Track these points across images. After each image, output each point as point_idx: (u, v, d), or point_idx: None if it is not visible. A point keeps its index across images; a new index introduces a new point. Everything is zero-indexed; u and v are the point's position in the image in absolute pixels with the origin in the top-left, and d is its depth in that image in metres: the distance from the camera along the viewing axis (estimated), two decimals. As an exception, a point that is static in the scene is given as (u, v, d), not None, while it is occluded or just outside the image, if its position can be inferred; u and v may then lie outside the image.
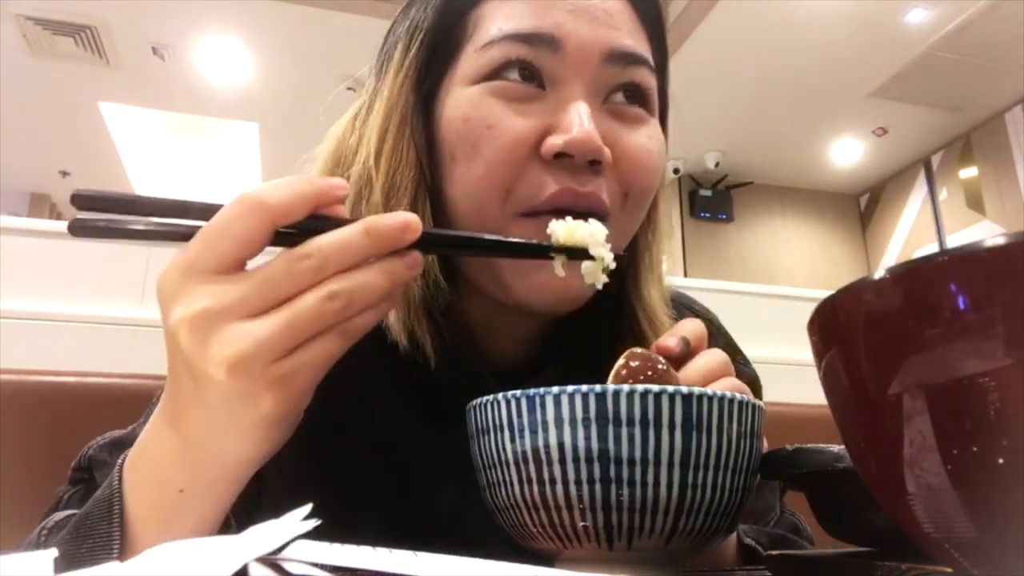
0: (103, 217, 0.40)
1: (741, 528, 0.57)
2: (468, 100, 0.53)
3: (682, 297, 0.75)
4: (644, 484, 0.37)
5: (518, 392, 0.39)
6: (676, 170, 5.75)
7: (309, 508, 0.30)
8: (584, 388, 0.37)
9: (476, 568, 0.27)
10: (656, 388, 0.37)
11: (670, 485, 0.37)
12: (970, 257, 0.23)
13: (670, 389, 0.37)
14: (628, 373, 0.42)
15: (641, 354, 0.43)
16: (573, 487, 0.37)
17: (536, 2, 0.54)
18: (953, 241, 5.56)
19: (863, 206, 6.50)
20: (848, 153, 5.84)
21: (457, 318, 0.59)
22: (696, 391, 0.37)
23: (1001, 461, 0.22)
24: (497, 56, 0.53)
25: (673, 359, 0.46)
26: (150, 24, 4.17)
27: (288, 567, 0.26)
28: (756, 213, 6.22)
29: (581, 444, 0.37)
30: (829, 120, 5.39)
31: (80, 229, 0.40)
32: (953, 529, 0.25)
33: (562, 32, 0.53)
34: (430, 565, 0.27)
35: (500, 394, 0.39)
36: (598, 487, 0.37)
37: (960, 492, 0.24)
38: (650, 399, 0.37)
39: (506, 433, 0.39)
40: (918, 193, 5.93)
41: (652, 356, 0.43)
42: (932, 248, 5.43)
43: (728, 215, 6.10)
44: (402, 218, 0.39)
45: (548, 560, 0.41)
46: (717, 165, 5.88)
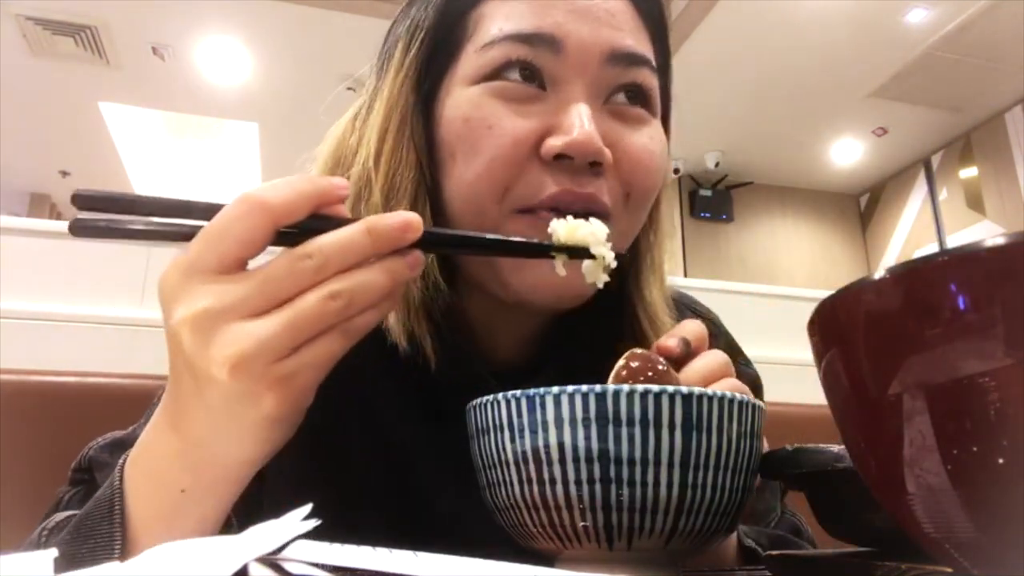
0: (103, 217, 0.40)
1: (741, 529, 0.57)
2: (468, 100, 0.53)
3: (684, 297, 0.75)
4: (644, 484, 0.37)
5: (518, 392, 0.39)
6: (676, 170, 5.75)
7: (309, 508, 0.30)
8: (584, 388, 0.37)
9: (476, 568, 0.27)
10: (656, 388, 0.37)
11: (670, 485, 0.37)
12: (970, 257, 0.23)
13: (670, 389, 0.37)
14: (628, 373, 0.42)
15: (641, 354, 0.43)
16: (573, 487, 0.37)
17: (537, 2, 0.54)
18: (953, 241, 5.56)
19: (863, 206, 6.50)
20: (848, 153, 5.84)
21: (457, 318, 0.58)
22: (696, 391, 0.37)
23: (1001, 461, 0.22)
24: (497, 56, 0.53)
25: (674, 360, 0.46)
26: (150, 24, 4.17)
27: (288, 567, 0.26)
28: (756, 213, 6.22)
29: (581, 444, 0.37)
30: (829, 120, 5.39)
31: (80, 229, 0.40)
32: (953, 529, 0.25)
33: (563, 32, 0.53)
34: (430, 565, 0.27)
35: (500, 394, 0.39)
36: (598, 487, 0.37)
37: (960, 492, 0.24)
38: (650, 399, 0.37)
39: (506, 433, 0.39)
40: (918, 193, 5.93)
41: (652, 356, 0.43)
42: (932, 248, 5.43)
43: (728, 215, 6.10)
44: (403, 217, 0.39)
45: (548, 560, 0.41)
46: (717, 165, 5.88)
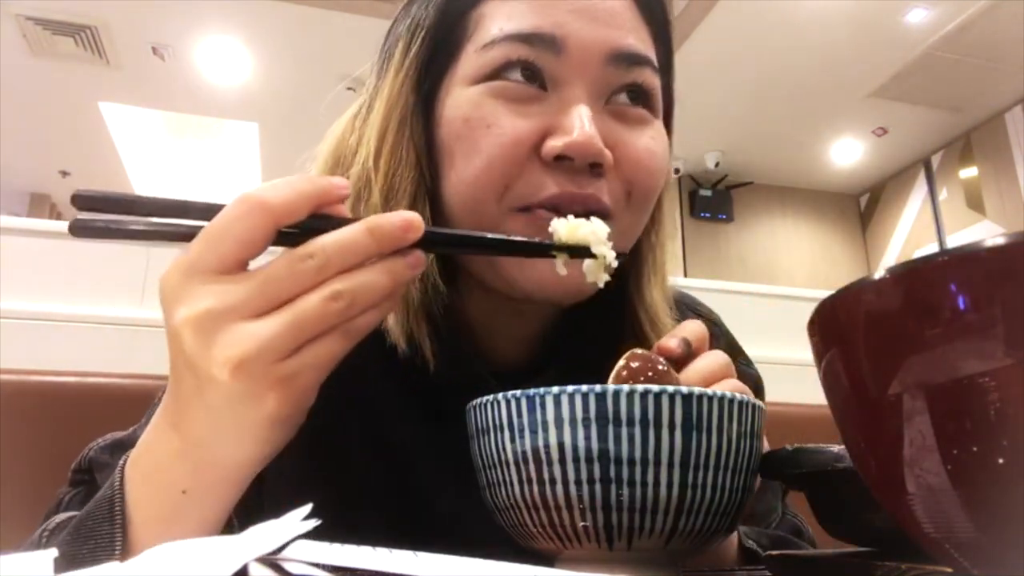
0: (103, 217, 0.40)
1: (741, 530, 0.57)
2: (468, 100, 0.53)
3: (685, 298, 0.74)
4: (644, 484, 0.37)
5: (518, 392, 0.39)
6: (676, 170, 5.75)
7: (309, 508, 0.30)
8: (584, 388, 0.37)
9: (476, 568, 0.27)
10: (656, 388, 0.37)
11: (670, 485, 0.37)
12: (970, 257, 0.23)
13: (670, 389, 0.37)
14: (629, 374, 0.42)
15: (642, 355, 0.43)
16: (573, 487, 0.37)
17: (538, 2, 0.53)
18: (953, 241, 5.56)
19: (863, 206, 6.50)
20: (848, 153, 5.84)
21: (457, 319, 0.58)
22: (696, 391, 0.37)
23: (1001, 461, 0.22)
24: (498, 56, 0.53)
25: (674, 360, 0.46)
26: (150, 24, 4.17)
27: (288, 567, 0.26)
28: (756, 213, 6.22)
29: (581, 444, 0.37)
30: (829, 120, 5.39)
31: (80, 229, 0.40)
32: (953, 529, 0.25)
33: (564, 32, 0.52)
34: (430, 565, 0.27)
35: (500, 394, 0.39)
36: (598, 487, 0.37)
37: (960, 492, 0.24)
38: (650, 399, 0.37)
39: (506, 433, 0.39)
40: (918, 193, 5.92)
41: (653, 357, 0.43)
42: (932, 248, 5.43)
43: (728, 215, 6.10)
44: (404, 217, 0.39)
45: (548, 560, 0.41)
46: (717, 165, 5.88)
